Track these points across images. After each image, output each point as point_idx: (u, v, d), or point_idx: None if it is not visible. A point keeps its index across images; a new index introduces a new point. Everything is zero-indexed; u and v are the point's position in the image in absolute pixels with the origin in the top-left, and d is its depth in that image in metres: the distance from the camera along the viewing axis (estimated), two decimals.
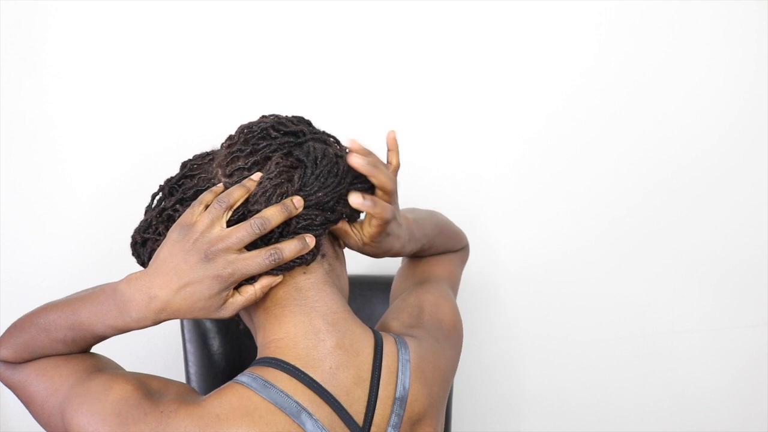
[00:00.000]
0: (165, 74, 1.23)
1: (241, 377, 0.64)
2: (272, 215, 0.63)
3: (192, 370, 1.12)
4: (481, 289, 1.29)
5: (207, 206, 0.63)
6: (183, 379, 1.15)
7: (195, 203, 0.64)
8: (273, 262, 0.62)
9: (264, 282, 0.64)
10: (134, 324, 0.64)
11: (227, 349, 1.10)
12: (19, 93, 1.23)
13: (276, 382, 0.62)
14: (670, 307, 1.30)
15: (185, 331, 1.12)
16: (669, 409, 1.34)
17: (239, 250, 0.62)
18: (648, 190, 1.26)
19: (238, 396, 0.62)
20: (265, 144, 0.66)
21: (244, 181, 0.64)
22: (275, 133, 0.67)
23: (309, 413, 0.62)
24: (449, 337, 0.79)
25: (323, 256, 0.69)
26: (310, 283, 0.68)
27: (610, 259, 1.29)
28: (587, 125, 1.25)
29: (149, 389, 0.63)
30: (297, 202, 0.64)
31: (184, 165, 0.70)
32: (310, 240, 0.64)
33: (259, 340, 0.68)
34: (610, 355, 1.32)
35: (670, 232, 1.28)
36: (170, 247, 0.62)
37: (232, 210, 0.63)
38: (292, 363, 0.64)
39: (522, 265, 1.30)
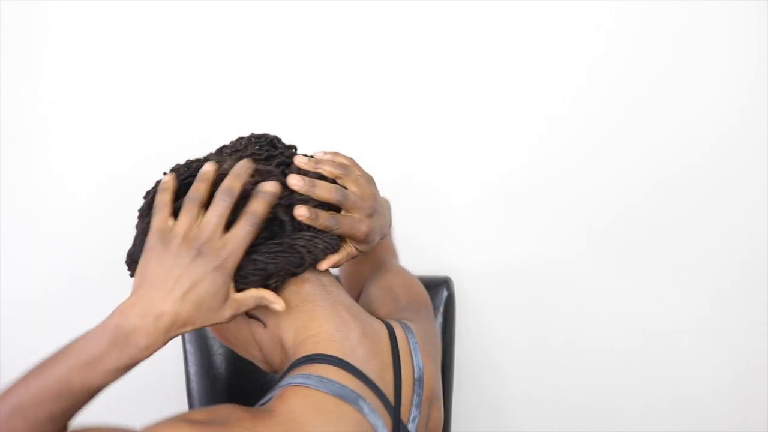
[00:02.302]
0: (164, 75, 1.23)
1: (295, 379, 0.63)
2: (231, 183, 0.62)
3: (192, 370, 1.12)
4: (481, 288, 1.29)
5: (171, 208, 0.62)
6: (183, 379, 1.15)
7: (157, 207, 0.62)
8: (253, 225, 0.60)
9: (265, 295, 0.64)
10: (143, 353, 0.61)
11: (227, 350, 1.10)
12: (18, 93, 1.23)
13: (329, 375, 0.63)
14: (670, 306, 1.30)
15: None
16: (669, 409, 1.34)
17: (222, 233, 0.60)
18: (648, 190, 1.26)
19: (303, 396, 0.61)
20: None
21: (201, 174, 0.63)
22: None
23: (363, 398, 0.63)
24: (428, 313, 0.84)
25: None
26: (329, 279, 0.70)
27: (609, 259, 1.29)
28: (587, 126, 1.25)
29: (201, 421, 0.59)
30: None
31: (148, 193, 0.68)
32: (272, 186, 0.62)
33: (289, 341, 0.67)
34: (611, 355, 1.32)
35: (671, 232, 1.28)
36: (157, 258, 0.60)
37: (204, 204, 0.62)
38: (335, 355, 0.64)
39: (521, 264, 1.29)
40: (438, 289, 1.14)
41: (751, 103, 1.23)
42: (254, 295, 0.63)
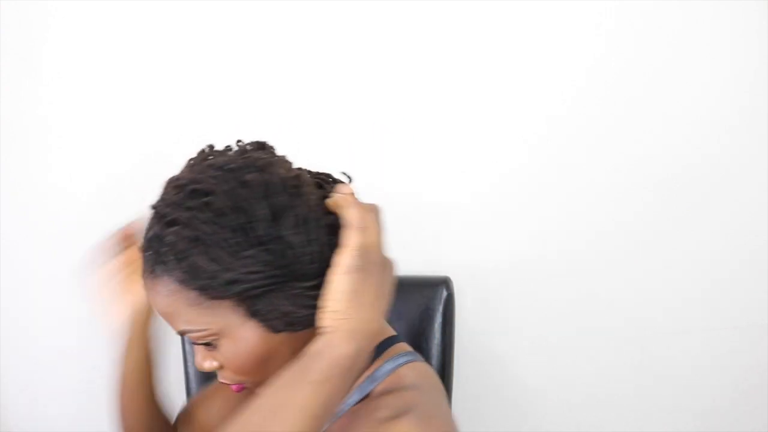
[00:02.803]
0: (164, 75, 1.23)
1: (399, 359, 0.66)
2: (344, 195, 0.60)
3: (192, 370, 1.13)
4: (481, 288, 1.29)
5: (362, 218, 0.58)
6: (183, 380, 1.15)
7: (360, 225, 0.58)
8: (375, 208, 0.60)
9: None
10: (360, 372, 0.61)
11: None
12: (18, 93, 1.23)
13: (409, 348, 0.70)
14: (670, 306, 1.30)
15: (185, 332, 1.12)
16: (669, 409, 1.34)
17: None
18: (648, 190, 1.26)
19: (419, 369, 0.67)
20: None
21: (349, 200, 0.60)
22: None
23: None
24: None
25: None
26: None
27: (609, 258, 1.29)
28: (587, 126, 1.25)
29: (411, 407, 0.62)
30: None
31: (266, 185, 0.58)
32: (347, 187, 0.62)
33: None
34: (610, 355, 1.32)
35: (670, 232, 1.28)
36: (364, 276, 0.57)
37: None
38: (394, 333, 0.70)
39: (521, 264, 1.29)
40: (438, 289, 1.14)
41: (751, 103, 1.23)
42: None
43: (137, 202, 0.69)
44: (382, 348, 0.67)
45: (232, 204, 0.56)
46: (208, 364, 0.65)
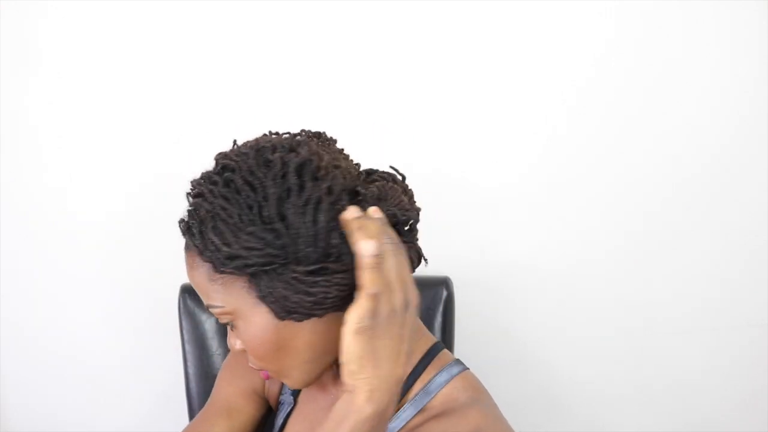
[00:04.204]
0: (164, 75, 1.23)
1: (452, 369, 0.67)
2: (381, 227, 0.58)
3: (191, 370, 1.13)
4: (481, 288, 1.29)
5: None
6: (182, 380, 1.15)
7: (376, 292, 0.55)
8: (397, 246, 0.59)
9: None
10: (391, 416, 0.60)
11: (226, 350, 1.10)
12: (19, 93, 1.23)
13: (456, 358, 0.70)
14: (670, 306, 1.30)
15: (184, 332, 1.12)
16: (669, 409, 1.34)
17: (402, 274, 0.58)
18: (648, 191, 1.26)
19: (470, 379, 0.68)
20: None
21: (382, 221, 0.58)
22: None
23: None
24: None
25: None
26: None
27: (609, 259, 1.29)
28: (588, 127, 1.24)
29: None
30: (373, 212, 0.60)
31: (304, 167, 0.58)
32: (377, 211, 0.60)
33: None
34: (610, 355, 1.32)
35: (670, 232, 1.28)
36: (375, 335, 0.56)
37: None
38: (436, 340, 0.70)
39: (521, 264, 1.30)
40: (438, 289, 1.14)
41: (753, 104, 1.22)
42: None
43: (136, 203, 0.69)
44: (429, 357, 0.66)
45: (248, 181, 0.57)
46: (235, 344, 0.66)
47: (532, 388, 1.34)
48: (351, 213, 0.57)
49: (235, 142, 0.65)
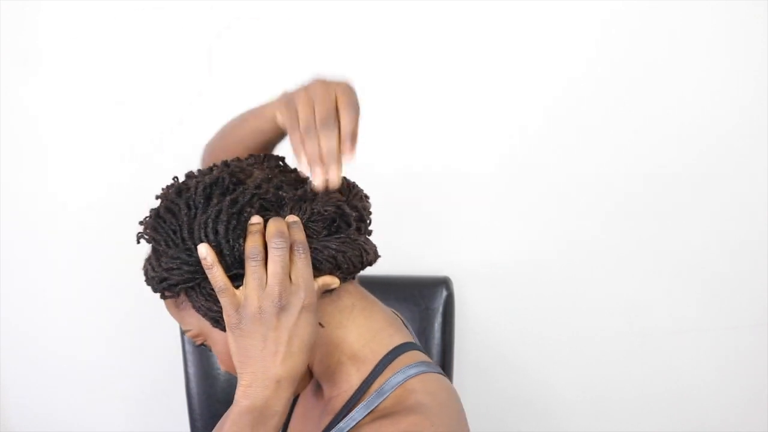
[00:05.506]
0: (163, 75, 1.23)
1: (410, 370, 0.64)
2: (279, 226, 0.60)
3: (191, 371, 1.13)
4: (481, 288, 1.29)
5: (229, 282, 0.59)
6: (182, 380, 1.15)
7: (219, 289, 0.58)
8: (305, 252, 0.59)
9: (326, 280, 0.63)
10: (284, 414, 0.60)
11: None
12: (18, 93, 1.23)
13: (424, 359, 0.67)
14: (670, 306, 1.30)
15: (184, 332, 1.12)
16: (668, 409, 1.34)
17: (286, 277, 0.59)
18: (647, 190, 1.26)
19: (430, 381, 0.64)
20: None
21: (252, 226, 0.60)
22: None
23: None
24: None
25: None
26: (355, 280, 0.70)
27: (609, 259, 1.29)
28: (585, 126, 1.24)
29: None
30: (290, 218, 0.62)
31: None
32: (294, 217, 0.62)
33: (356, 341, 0.66)
34: (610, 355, 1.32)
35: (670, 232, 1.28)
36: (247, 333, 0.58)
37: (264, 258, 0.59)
38: (411, 341, 0.68)
39: (521, 264, 1.29)
40: (438, 289, 1.14)
41: (750, 103, 1.22)
42: (320, 283, 0.62)
43: (135, 203, 0.70)
44: (392, 356, 0.65)
45: (169, 208, 0.62)
46: (221, 365, 0.68)
47: (532, 388, 1.34)
48: (252, 220, 0.60)
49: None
